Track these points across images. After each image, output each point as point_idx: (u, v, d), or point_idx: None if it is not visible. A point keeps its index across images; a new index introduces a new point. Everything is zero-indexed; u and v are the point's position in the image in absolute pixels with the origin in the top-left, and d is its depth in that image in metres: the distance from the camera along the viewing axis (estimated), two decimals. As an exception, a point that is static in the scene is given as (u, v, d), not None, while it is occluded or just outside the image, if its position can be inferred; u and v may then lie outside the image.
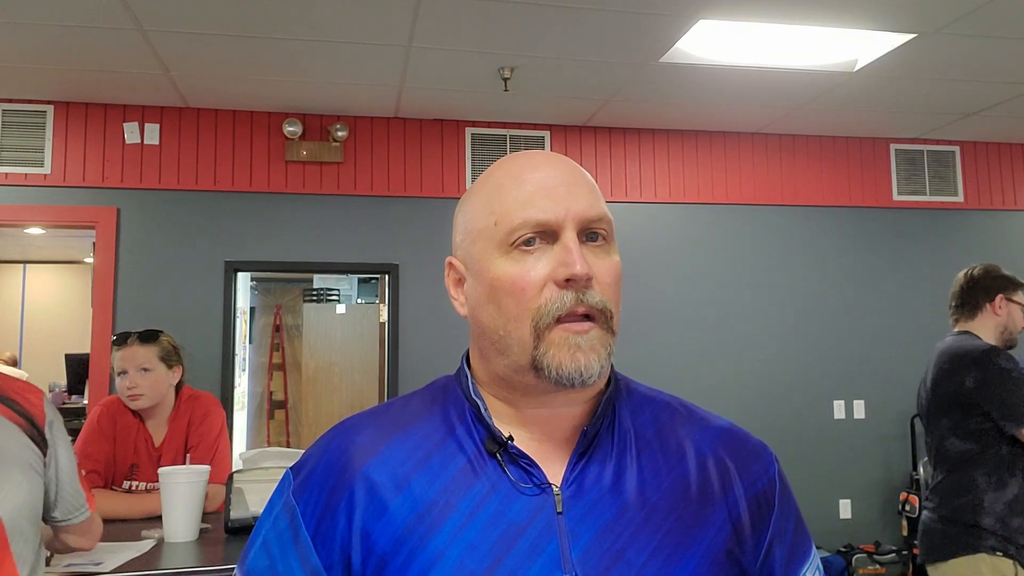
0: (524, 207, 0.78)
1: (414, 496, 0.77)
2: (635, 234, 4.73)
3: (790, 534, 0.85)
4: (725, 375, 4.74)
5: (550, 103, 4.35)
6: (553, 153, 0.86)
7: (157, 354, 2.50)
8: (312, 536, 0.79)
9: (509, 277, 0.78)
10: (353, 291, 6.85)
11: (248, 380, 6.80)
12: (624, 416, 0.85)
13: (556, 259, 0.77)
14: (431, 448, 0.80)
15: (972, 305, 2.49)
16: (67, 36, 3.40)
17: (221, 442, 2.53)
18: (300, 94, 4.15)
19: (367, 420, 0.86)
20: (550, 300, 0.76)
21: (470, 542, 0.75)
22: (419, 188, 4.53)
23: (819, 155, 5.02)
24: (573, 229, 0.78)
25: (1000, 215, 5.21)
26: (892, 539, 4.77)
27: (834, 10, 3.21)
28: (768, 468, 0.86)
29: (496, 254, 0.79)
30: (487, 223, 0.80)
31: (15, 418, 1.50)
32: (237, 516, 2.08)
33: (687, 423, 0.87)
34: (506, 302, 0.78)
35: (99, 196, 4.21)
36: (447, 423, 0.83)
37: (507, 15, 3.23)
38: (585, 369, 0.76)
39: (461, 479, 0.78)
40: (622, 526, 0.77)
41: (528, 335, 0.77)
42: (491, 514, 0.76)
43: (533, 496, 0.77)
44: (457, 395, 0.85)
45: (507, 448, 0.79)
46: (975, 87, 4.15)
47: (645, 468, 0.81)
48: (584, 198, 0.79)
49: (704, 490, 0.81)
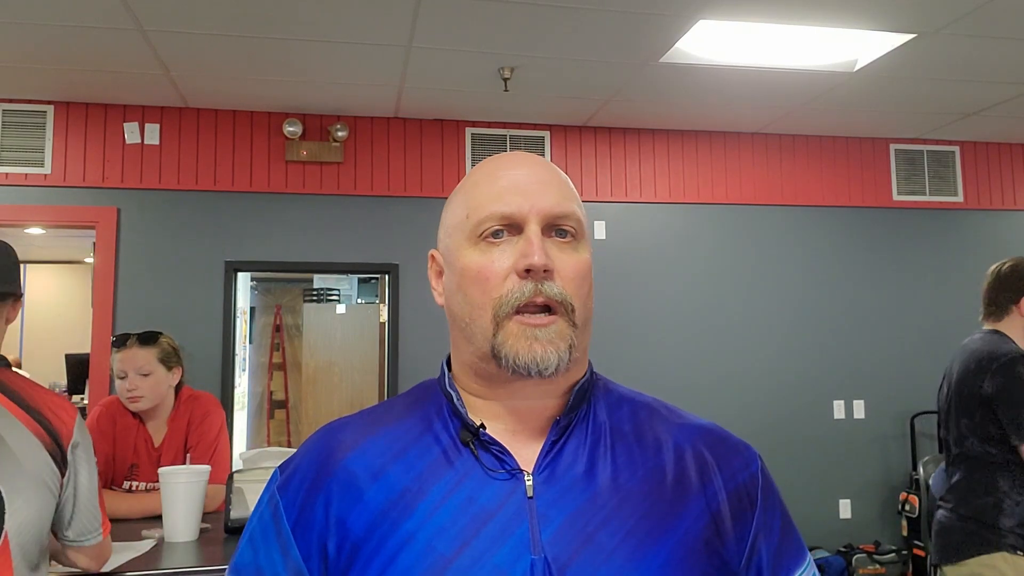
0: (493, 201, 0.82)
1: (389, 484, 0.79)
2: (635, 234, 4.73)
3: (777, 531, 0.84)
4: (725, 375, 4.74)
5: (550, 103, 4.35)
6: (532, 155, 0.89)
7: (156, 356, 2.50)
8: (292, 528, 0.81)
9: (475, 266, 0.81)
10: (353, 291, 6.86)
11: (248, 380, 6.81)
12: (600, 410, 0.86)
13: (519, 250, 0.80)
14: (408, 442, 0.83)
15: (999, 304, 2.40)
16: (67, 36, 3.40)
17: (221, 442, 2.53)
18: (300, 94, 4.15)
19: (352, 419, 0.89)
20: (511, 291, 0.79)
21: (440, 525, 0.76)
22: (419, 188, 4.53)
23: (819, 155, 5.02)
24: (537, 223, 0.81)
25: (1000, 215, 5.21)
26: (892, 539, 4.77)
27: (834, 10, 3.21)
28: (750, 464, 0.86)
29: (466, 245, 0.83)
30: (461, 217, 0.84)
31: (40, 433, 1.49)
32: (237, 516, 2.08)
33: (666, 421, 0.88)
34: (471, 291, 0.81)
35: (99, 196, 4.21)
36: (426, 419, 0.85)
37: (507, 15, 3.23)
38: (541, 360, 0.78)
39: (435, 467, 0.80)
40: (594, 511, 0.78)
41: (489, 323, 0.79)
42: (462, 499, 0.78)
43: (504, 481, 0.79)
44: (436, 393, 0.88)
45: (479, 436, 0.81)
46: (975, 87, 4.15)
47: (620, 458, 0.82)
48: (551, 195, 0.82)
49: (681, 480, 0.82)
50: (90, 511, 1.60)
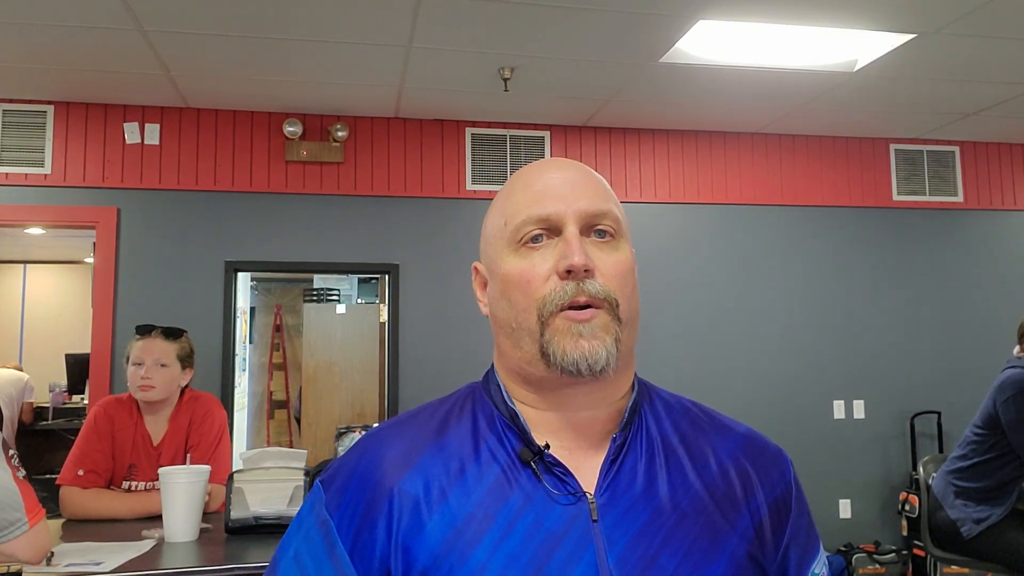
0: (530, 206, 0.83)
1: (451, 511, 0.78)
2: (635, 234, 4.68)
3: (804, 534, 0.87)
4: (725, 375, 4.74)
5: (550, 103, 4.35)
6: (566, 159, 0.90)
7: (176, 352, 2.51)
8: (349, 550, 0.79)
9: (517, 271, 0.82)
10: (353, 291, 6.85)
11: (248, 380, 6.81)
12: (650, 423, 0.86)
13: (558, 252, 0.80)
14: (464, 459, 0.81)
15: None
16: (67, 36, 3.40)
17: (222, 442, 2.53)
18: (300, 94, 4.15)
19: (396, 432, 0.86)
20: (553, 291, 0.79)
21: (510, 553, 0.76)
22: (419, 188, 4.53)
23: (819, 155, 5.02)
24: (575, 224, 0.81)
25: (1000, 215, 5.21)
26: (892, 539, 4.77)
27: (834, 10, 3.21)
28: (785, 473, 0.89)
29: (507, 252, 0.83)
30: (499, 224, 0.85)
31: None
32: (237, 516, 2.08)
33: (709, 430, 0.89)
34: (515, 295, 0.82)
35: (99, 196, 4.21)
36: (476, 432, 0.84)
37: (507, 15, 3.23)
38: (590, 355, 0.78)
39: (496, 491, 0.79)
40: (654, 531, 0.79)
41: (535, 324, 0.80)
42: (529, 524, 0.77)
43: (568, 505, 0.79)
44: (485, 403, 0.87)
45: (543, 457, 0.80)
46: (975, 87, 4.15)
47: (673, 474, 0.83)
48: (587, 195, 0.83)
49: (728, 497, 0.83)
50: (5, 506, 1.59)
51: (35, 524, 1.63)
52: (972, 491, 2.89)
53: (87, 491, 2.36)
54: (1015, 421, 2.76)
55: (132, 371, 2.47)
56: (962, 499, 2.90)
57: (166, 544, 2.01)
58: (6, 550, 1.61)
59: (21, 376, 6.05)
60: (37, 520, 1.64)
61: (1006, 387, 2.82)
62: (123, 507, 2.32)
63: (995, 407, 2.84)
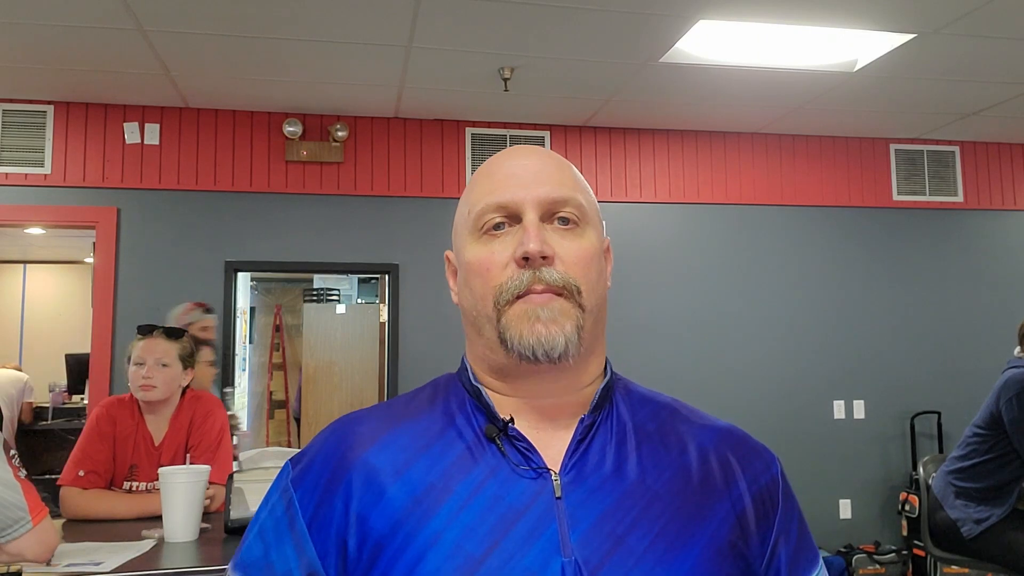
0: (491, 193, 0.83)
1: (412, 481, 0.78)
2: (635, 234, 4.73)
3: (795, 534, 0.85)
4: (725, 375, 4.74)
5: (550, 103, 4.35)
6: (532, 147, 0.89)
7: (178, 352, 2.51)
8: (308, 523, 0.78)
9: (477, 259, 0.82)
10: (353, 291, 6.86)
11: (248, 380, 6.81)
12: (623, 410, 0.85)
13: (517, 239, 0.80)
14: (431, 437, 0.81)
15: None
16: (67, 36, 3.40)
17: (223, 442, 2.53)
18: (300, 94, 4.15)
19: (369, 413, 0.87)
20: (511, 279, 0.79)
21: (468, 524, 0.75)
22: (419, 188, 4.53)
23: (819, 155, 5.02)
24: (534, 211, 0.81)
25: (1000, 215, 5.21)
26: (892, 539, 4.77)
27: (834, 10, 3.21)
28: (770, 466, 0.86)
29: (470, 240, 0.83)
30: (464, 214, 0.85)
31: None
32: (237, 516, 2.08)
33: (688, 422, 0.87)
34: (475, 283, 0.82)
35: (99, 196, 4.21)
36: (447, 414, 0.84)
37: (507, 15, 3.23)
38: (547, 340, 0.77)
39: (460, 464, 0.79)
40: (623, 512, 0.77)
41: (492, 311, 0.80)
42: (489, 497, 0.76)
43: (532, 480, 0.78)
44: (457, 387, 0.87)
45: (506, 432, 0.80)
46: (975, 87, 4.15)
47: (645, 458, 0.81)
48: (548, 182, 0.82)
49: (706, 483, 0.81)
50: (7, 504, 1.59)
51: (39, 522, 1.63)
52: (972, 491, 2.89)
53: (88, 492, 2.36)
54: (1018, 420, 2.77)
55: (133, 371, 2.47)
56: (962, 499, 2.91)
57: (166, 544, 2.01)
58: (11, 549, 1.61)
59: (21, 376, 6.04)
60: (41, 518, 1.64)
61: (1010, 386, 2.83)
62: (124, 508, 2.31)
63: (998, 406, 2.85)
